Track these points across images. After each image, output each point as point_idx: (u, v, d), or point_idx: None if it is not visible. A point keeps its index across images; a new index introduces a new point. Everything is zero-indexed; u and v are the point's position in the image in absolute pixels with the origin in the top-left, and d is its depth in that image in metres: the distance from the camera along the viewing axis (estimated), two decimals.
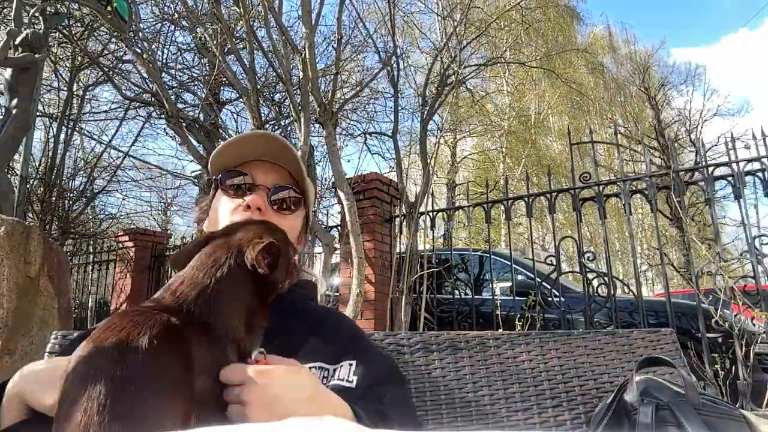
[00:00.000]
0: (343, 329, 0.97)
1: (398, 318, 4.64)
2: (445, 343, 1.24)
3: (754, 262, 3.49)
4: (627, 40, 20.57)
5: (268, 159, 1.01)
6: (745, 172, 3.69)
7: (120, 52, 7.20)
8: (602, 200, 4.12)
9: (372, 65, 8.28)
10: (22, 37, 4.25)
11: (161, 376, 0.55)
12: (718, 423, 1.08)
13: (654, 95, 17.92)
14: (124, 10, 4.94)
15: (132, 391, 0.52)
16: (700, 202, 5.34)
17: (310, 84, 4.33)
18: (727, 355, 3.44)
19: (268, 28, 4.72)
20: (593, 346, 1.29)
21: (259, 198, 0.96)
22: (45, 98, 8.04)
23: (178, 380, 0.56)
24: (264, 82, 6.83)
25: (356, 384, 0.82)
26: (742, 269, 4.39)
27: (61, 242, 6.96)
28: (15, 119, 4.14)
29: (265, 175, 1.00)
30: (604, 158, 14.63)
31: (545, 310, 4.23)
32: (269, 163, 1.01)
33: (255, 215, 0.94)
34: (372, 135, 7.05)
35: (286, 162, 1.01)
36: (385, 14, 6.22)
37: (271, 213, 0.96)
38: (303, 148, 4.26)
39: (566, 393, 1.23)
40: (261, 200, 0.96)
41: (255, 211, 0.94)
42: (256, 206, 0.95)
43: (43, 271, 3.04)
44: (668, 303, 3.70)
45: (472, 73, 7.80)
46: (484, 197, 4.80)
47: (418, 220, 4.96)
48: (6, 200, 3.90)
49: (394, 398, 0.83)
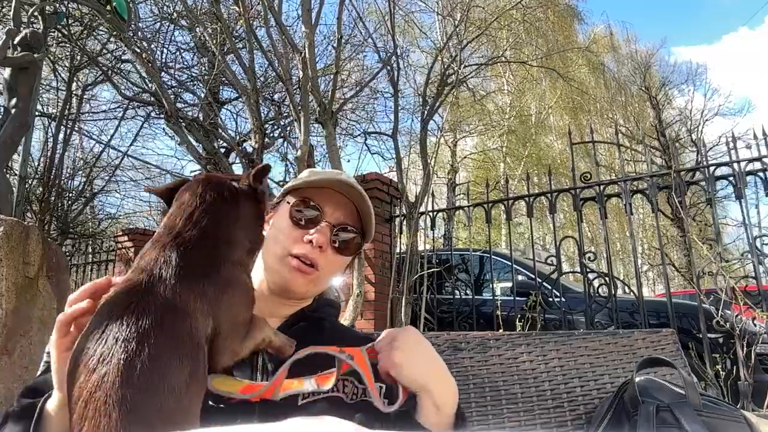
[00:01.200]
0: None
1: (398, 318, 4.63)
2: (445, 343, 1.23)
3: (755, 262, 3.48)
4: (628, 39, 20.57)
5: (341, 190, 0.98)
6: (746, 172, 3.68)
7: (119, 51, 7.19)
8: (603, 200, 4.11)
9: (372, 65, 8.28)
10: (20, 36, 4.24)
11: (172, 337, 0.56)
12: (719, 424, 1.07)
13: (655, 95, 17.91)
14: (123, 9, 4.93)
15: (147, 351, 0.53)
16: (701, 202, 5.33)
17: (309, 83, 4.33)
18: (728, 355, 3.43)
19: (268, 28, 4.71)
20: (594, 347, 1.28)
21: (323, 237, 0.93)
22: (44, 98, 8.04)
23: (188, 344, 0.57)
24: (264, 81, 6.83)
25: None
26: (744, 269, 4.37)
27: (60, 242, 6.96)
28: (14, 119, 4.13)
29: (334, 209, 0.97)
30: (604, 158, 14.63)
31: (546, 311, 4.22)
32: (339, 194, 0.98)
33: (315, 253, 0.93)
34: (372, 135, 7.05)
35: (355, 197, 0.98)
36: (385, 14, 6.21)
37: (330, 252, 0.95)
38: (303, 148, 4.25)
39: (567, 394, 1.22)
40: (324, 239, 0.93)
41: (315, 249, 0.92)
42: (319, 245, 0.92)
43: (42, 271, 3.03)
44: (669, 303, 3.69)
45: (472, 72, 7.80)
46: (484, 197, 4.79)
47: (418, 220, 4.95)
48: (5, 200, 3.89)
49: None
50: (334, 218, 0.96)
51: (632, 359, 1.27)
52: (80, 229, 8.06)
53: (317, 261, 0.92)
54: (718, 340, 3.56)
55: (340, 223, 0.96)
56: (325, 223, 0.95)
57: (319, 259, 0.92)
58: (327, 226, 0.94)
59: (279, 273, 0.92)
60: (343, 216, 0.97)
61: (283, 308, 0.95)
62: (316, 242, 0.91)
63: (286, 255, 0.92)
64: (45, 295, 3.02)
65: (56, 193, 7.13)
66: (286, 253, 0.92)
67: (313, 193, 0.97)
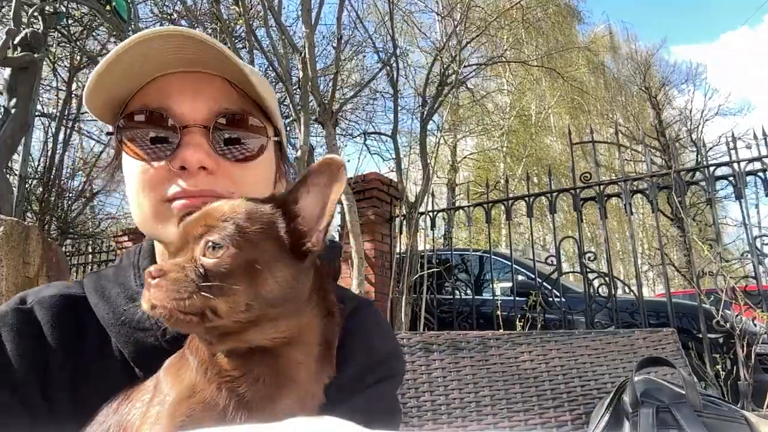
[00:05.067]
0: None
1: (398, 318, 4.63)
2: (445, 343, 1.23)
3: (755, 263, 3.48)
4: (628, 39, 20.61)
5: (192, 68, 0.62)
6: (746, 172, 3.68)
7: None
8: (603, 200, 4.11)
9: (372, 65, 8.29)
10: (21, 36, 4.24)
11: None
12: (719, 425, 1.07)
13: (655, 95, 17.91)
14: (123, 9, 4.94)
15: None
16: (701, 202, 5.33)
17: (309, 83, 4.33)
18: (729, 355, 3.42)
19: (268, 28, 4.71)
20: (594, 347, 1.28)
21: (196, 149, 0.60)
22: (44, 98, 8.04)
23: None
24: None
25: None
26: (744, 269, 4.37)
27: (60, 242, 6.95)
28: (14, 119, 4.13)
29: (194, 101, 0.62)
30: (604, 158, 14.62)
31: (546, 311, 4.22)
32: (194, 74, 0.62)
33: (200, 180, 0.61)
34: (371, 135, 7.05)
35: (219, 68, 0.62)
36: (385, 14, 6.22)
37: (225, 165, 0.63)
38: (303, 148, 4.25)
39: (567, 393, 1.22)
40: (201, 152, 0.60)
41: (197, 174, 0.61)
42: (198, 165, 0.60)
43: (42, 271, 3.02)
44: (669, 303, 3.69)
45: (472, 72, 7.81)
46: (484, 197, 4.79)
47: (418, 220, 4.95)
48: (5, 200, 3.89)
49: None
50: (199, 112, 0.62)
51: (633, 359, 1.27)
52: (80, 228, 8.06)
53: (214, 188, 0.61)
54: (718, 340, 3.56)
55: (212, 113, 0.62)
56: (188, 126, 0.61)
57: (216, 183, 0.61)
58: (194, 129, 0.61)
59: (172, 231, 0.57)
60: (214, 101, 0.62)
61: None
62: (190, 163, 0.60)
63: (161, 203, 0.62)
64: None
65: (56, 193, 7.13)
66: (159, 201, 0.62)
67: (148, 93, 0.62)
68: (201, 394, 0.50)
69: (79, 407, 0.58)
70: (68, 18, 6.30)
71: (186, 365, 0.53)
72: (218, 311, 0.47)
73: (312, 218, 0.53)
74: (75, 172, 8.20)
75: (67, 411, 0.59)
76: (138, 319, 0.62)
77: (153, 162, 0.61)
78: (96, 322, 0.64)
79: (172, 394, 0.51)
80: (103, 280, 0.68)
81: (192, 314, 0.47)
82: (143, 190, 0.62)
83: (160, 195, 0.61)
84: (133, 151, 0.62)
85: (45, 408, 0.59)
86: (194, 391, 0.50)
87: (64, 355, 0.61)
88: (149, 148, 0.61)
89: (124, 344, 0.62)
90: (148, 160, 0.61)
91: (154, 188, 0.62)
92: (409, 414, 1.13)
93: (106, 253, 7.53)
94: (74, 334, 0.63)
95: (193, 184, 0.60)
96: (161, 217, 0.62)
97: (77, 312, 0.65)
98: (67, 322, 0.63)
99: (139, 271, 0.68)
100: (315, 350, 0.55)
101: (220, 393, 0.50)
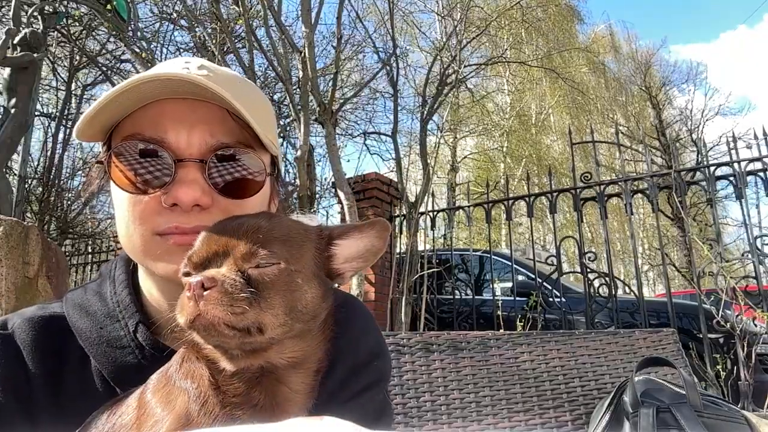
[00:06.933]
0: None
1: (398, 318, 4.63)
2: (445, 343, 1.23)
3: (755, 263, 3.48)
4: (628, 38, 20.60)
5: (183, 93, 0.58)
6: (746, 172, 3.68)
7: (119, 51, 7.21)
8: (603, 200, 4.11)
9: (372, 65, 8.28)
10: (20, 36, 4.24)
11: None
12: (720, 425, 1.07)
13: (655, 94, 17.91)
14: (123, 9, 4.94)
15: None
16: (702, 202, 5.33)
17: (309, 83, 4.33)
18: (729, 355, 3.42)
19: (268, 28, 4.71)
20: (595, 347, 1.28)
21: (190, 186, 0.57)
22: (43, 98, 8.05)
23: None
24: (263, 81, 6.83)
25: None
26: (744, 269, 4.37)
27: (60, 242, 6.95)
28: (13, 119, 4.13)
29: (190, 133, 0.59)
30: (605, 158, 14.62)
31: (546, 311, 4.22)
32: (189, 101, 0.59)
33: (193, 216, 0.59)
34: (371, 135, 7.05)
35: (215, 96, 0.57)
36: (385, 13, 6.21)
37: (221, 201, 0.60)
38: (303, 148, 4.26)
39: (568, 393, 1.21)
40: (195, 189, 0.58)
41: (191, 210, 0.59)
42: (191, 205, 0.58)
43: (42, 271, 3.02)
44: (670, 303, 3.69)
45: (472, 72, 7.80)
46: (484, 197, 4.79)
47: (418, 220, 4.95)
48: (4, 200, 3.89)
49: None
50: (195, 146, 0.59)
51: (633, 359, 1.27)
52: (80, 228, 8.06)
53: (208, 224, 0.55)
54: (718, 340, 3.56)
55: (209, 146, 0.59)
56: (183, 160, 0.58)
57: (210, 219, 0.56)
58: (190, 163, 0.58)
59: (163, 266, 0.59)
60: (209, 134, 0.60)
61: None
62: (183, 203, 0.58)
63: (152, 236, 0.60)
64: (44, 296, 3.01)
65: (56, 193, 7.13)
66: (149, 234, 0.60)
67: (142, 120, 0.59)
68: (197, 426, 0.49)
69: (61, 429, 0.59)
70: (68, 18, 6.30)
71: (176, 390, 0.52)
72: (263, 327, 0.47)
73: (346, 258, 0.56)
74: (74, 172, 8.20)
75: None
76: (116, 337, 0.62)
77: (143, 192, 0.60)
78: (75, 342, 0.64)
79: (167, 420, 0.49)
80: (88, 293, 0.68)
81: (239, 329, 0.46)
82: (133, 222, 0.61)
83: (152, 228, 0.60)
84: (123, 181, 0.60)
85: (27, 430, 0.59)
86: (190, 420, 0.49)
87: (45, 378, 0.62)
88: (142, 178, 0.59)
89: (103, 364, 0.62)
90: (140, 192, 0.60)
91: (146, 221, 0.60)
92: (409, 414, 1.13)
93: (105, 253, 7.52)
94: (55, 356, 0.63)
95: (185, 220, 0.59)
96: (151, 253, 0.60)
97: (57, 333, 0.65)
98: (47, 345, 0.64)
99: (115, 285, 0.67)
100: (309, 379, 0.55)
101: (216, 423, 0.49)
